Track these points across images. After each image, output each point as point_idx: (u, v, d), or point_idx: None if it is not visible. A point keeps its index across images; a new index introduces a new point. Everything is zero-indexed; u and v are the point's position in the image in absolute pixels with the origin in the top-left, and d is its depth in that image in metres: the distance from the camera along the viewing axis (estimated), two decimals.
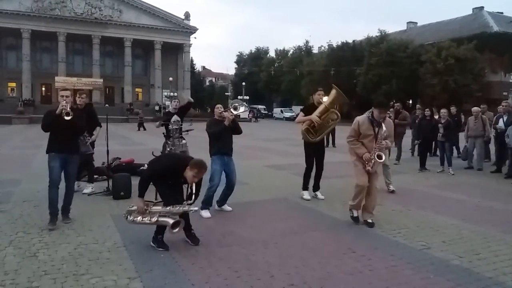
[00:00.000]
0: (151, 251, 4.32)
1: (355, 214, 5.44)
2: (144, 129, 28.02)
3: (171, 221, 4.20)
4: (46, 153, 5.34)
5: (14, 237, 4.75)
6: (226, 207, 6.09)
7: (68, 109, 5.15)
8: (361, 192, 5.31)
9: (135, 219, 4.45)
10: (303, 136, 6.73)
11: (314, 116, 6.52)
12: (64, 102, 5.20)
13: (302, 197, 6.85)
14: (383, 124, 5.37)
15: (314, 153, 6.82)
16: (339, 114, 6.64)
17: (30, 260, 4.04)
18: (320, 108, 6.58)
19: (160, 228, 4.44)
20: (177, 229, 4.22)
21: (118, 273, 3.75)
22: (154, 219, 4.31)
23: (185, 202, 4.30)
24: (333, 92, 6.58)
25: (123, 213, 4.73)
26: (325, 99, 6.70)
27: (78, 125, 5.43)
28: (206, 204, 5.82)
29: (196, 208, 4.38)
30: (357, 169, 5.36)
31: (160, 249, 4.35)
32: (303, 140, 6.81)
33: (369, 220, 5.35)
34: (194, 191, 4.28)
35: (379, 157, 5.20)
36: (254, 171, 9.82)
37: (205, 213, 5.74)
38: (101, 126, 7.45)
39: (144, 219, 4.38)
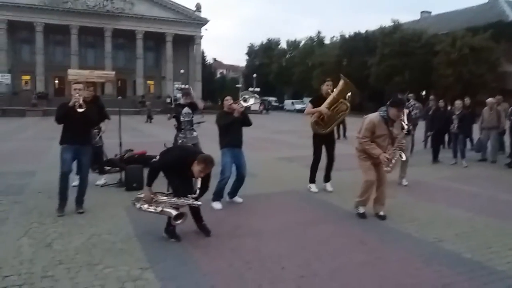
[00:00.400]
0: (163, 242, 4.37)
1: (362, 211, 5.37)
2: (150, 121, 28.49)
3: (174, 212, 4.25)
4: (60, 144, 5.47)
5: (29, 227, 4.84)
6: (237, 199, 6.12)
7: (81, 101, 5.26)
8: (370, 188, 5.26)
9: (141, 206, 4.53)
10: (312, 128, 6.69)
11: (323, 107, 6.46)
12: (77, 95, 5.29)
13: (310, 190, 6.84)
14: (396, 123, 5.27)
15: (324, 144, 6.78)
16: (348, 105, 6.54)
17: (45, 250, 4.12)
18: (329, 99, 6.49)
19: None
20: (179, 221, 4.26)
21: (130, 263, 3.80)
22: (159, 209, 4.38)
23: (189, 195, 4.32)
24: (342, 82, 6.51)
25: (132, 199, 4.78)
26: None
27: (91, 117, 5.54)
28: (217, 196, 5.86)
29: (200, 203, 4.40)
30: (365, 164, 5.29)
31: (172, 239, 4.40)
32: (312, 131, 6.77)
33: (381, 213, 5.32)
34: (199, 186, 4.30)
35: (401, 156, 5.16)
36: (265, 163, 9.83)
37: (217, 205, 5.78)
38: (109, 119, 7.50)
39: (150, 207, 4.46)
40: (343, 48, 47.98)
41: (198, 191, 4.34)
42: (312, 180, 6.91)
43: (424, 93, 41.22)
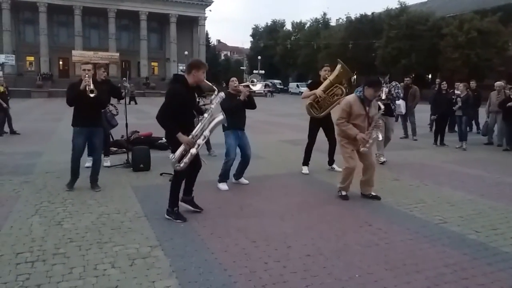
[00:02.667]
0: (171, 221, 4.43)
1: (343, 193, 5.42)
2: (136, 103, 28.34)
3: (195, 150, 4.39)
4: (72, 126, 5.55)
5: (39, 206, 4.92)
6: (243, 180, 6.17)
7: (92, 86, 5.28)
8: (350, 175, 5.29)
9: (186, 158, 4.34)
10: (308, 111, 6.81)
11: (319, 90, 6.58)
12: (87, 76, 5.28)
13: (301, 171, 6.90)
14: (373, 103, 5.30)
15: (322, 128, 6.91)
16: (344, 90, 6.64)
17: (55, 228, 4.20)
18: (325, 83, 6.65)
19: (174, 201, 4.53)
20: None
21: (139, 241, 3.87)
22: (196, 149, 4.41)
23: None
24: (338, 67, 6.62)
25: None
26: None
27: (102, 100, 5.62)
28: (224, 178, 5.91)
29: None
30: (345, 151, 5.30)
31: (178, 221, 4.42)
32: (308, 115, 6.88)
33: (373, 193, 5.40)
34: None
35: (378, 136, 5.24)
36: (269, 145, 9.86)
37: (223, 186, 5.84)
38: (123, 98, 7.52)
39: (195, 150, 4.38)
40: (349, 30, 47.46)
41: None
42: (305, 162, 6.98)
43: (430, 76, 40.98)
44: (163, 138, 9.21)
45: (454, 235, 4.15)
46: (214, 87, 4.78)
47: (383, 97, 7.67)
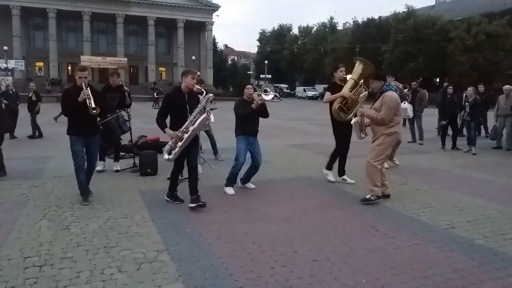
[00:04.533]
0: (178, 225, 4.45)
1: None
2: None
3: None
4: (67, 134, 5.36)
5: (47, 210, 4.96)
6: (249, 185, 6.18)
7: (93, 103, 5.03)
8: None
9: (174, 151, 5.03)
10: (336, 116, 6.23)
11: (346, 91, 6.10)
12: (84, 86, 5.07)
13: (327, 177, 6.58)
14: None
15: (343, 130, 6.36)
16: (367, 88, 6.12)
17: (63, 233, 4.23)
18: (349, 83, 6.19)
19: (173, 184, 5.33)
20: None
21: (146, 246, 3.89)
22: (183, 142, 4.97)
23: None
24: (357, 63, 6.25)
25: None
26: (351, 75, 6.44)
27: (103, 112, 5.50)
28: (231, 182, 5.92)
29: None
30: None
31: (176, 202, 5.22)
32: (331, 120, 6.42)
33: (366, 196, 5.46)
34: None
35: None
36: (276, 150, 9.86)
37: (229, 190, 5.85)
38: (129, 106, 7.56)
39: (182, 143, 4.98)
40: (356, 34, 47.42)
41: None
42: (330, 167, 6.60)
43: (438, 80, 40.73)
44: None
45: (462, 240, 4.11)
46: (203, 89, 5.47)
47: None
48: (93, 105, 5.04)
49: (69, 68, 52.35)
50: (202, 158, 7.41)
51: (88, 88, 5.12)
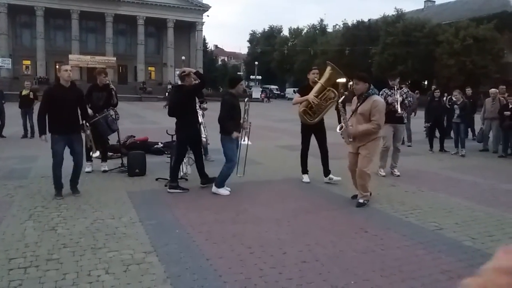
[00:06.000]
0: (166, 226, 4.41)
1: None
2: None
3: None
4: (49, 132, 5.37)
5: (33, 211, 4.88)
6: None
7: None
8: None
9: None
10: (301, 118, 6.40)
11: (311, 96, 6.17)
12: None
13: (302, 180, 6.62)
14: (370, 100, 5.26)
15: (314, 135, 6.53)
16: (336, 93, 6.24)
17: (49, 233, 4.16)
18: (316, 87, 6.24)
19: (174, 177, 5.82)
20: None
21: (134, 247, 3.84)
22: None
23: None
24: (328, 69, 6.32)
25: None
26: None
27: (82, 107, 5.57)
28: (223, 183, 5.85)
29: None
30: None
31: (185, 191, 5.79)
32: (301, 121, 6.52)
33: (360, 200, 5.40)
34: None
35: (340, 128, 5.37)
36: (266, 151, 9.85)
37: (225, 191, 5.80)
38: (116, 105, 7.53)
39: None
40: (345, 36, 47.68)
41: None
42: (304, 170, 6.69)
43: (426, 82, 41.15)
44: (159, 143, 9.21)
45: (450, 241, 4.14)
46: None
47: (399, 110, 7.18)
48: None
49: (57, 67, 51.47)
50: (192, 159, 7.36)
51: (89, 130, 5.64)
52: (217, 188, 5.80)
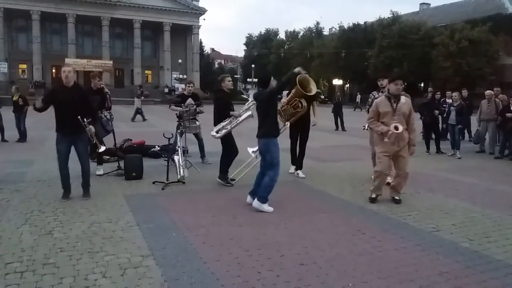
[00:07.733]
0: (163, 230, 4.39)
1: (373, 196, 5.64)
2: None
3: None
4: (56, 131, 5.54)
5: (29, 215, 4.85)
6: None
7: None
8: (379, 177, 5.52)
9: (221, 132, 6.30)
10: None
11: (283, 99, 7.09)
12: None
13: (289, 171, 7.36)
14: (402, 98, 5.48)
15: (297, 133, 7.27)
16: (303, 105, 6.69)
17: (46, 238, 4.14)
18: (290, 95, 6.95)
19: (225, 167, 6.37)
20: None
21: (131, 251, 3.82)
22: None
23: None
24: (296, 86, 6.49)
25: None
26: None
27: (85, 106, 5.55)
28: (267, 195, 5.20)
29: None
30: (378, 155, 5.57)
31: (228, 185, 6.28)
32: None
33: (396, 197, 5.59)
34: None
35: (396, 128, 5.27)
36: None
37: (268, 207, 5.14)
38: (110, 108, 7.61)
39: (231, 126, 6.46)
40: (341, 39, 47.85)
41: None
42: (292, 162, 7.50)
43: (422, 84, 41.30)
44: (156, 146, 9.19)
45: (447, 243, 4.15)
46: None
47: None
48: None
49: (54, 70, 51.69)
50: (189, 162, 7.36)
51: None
52: (261, 204, 5.11)
